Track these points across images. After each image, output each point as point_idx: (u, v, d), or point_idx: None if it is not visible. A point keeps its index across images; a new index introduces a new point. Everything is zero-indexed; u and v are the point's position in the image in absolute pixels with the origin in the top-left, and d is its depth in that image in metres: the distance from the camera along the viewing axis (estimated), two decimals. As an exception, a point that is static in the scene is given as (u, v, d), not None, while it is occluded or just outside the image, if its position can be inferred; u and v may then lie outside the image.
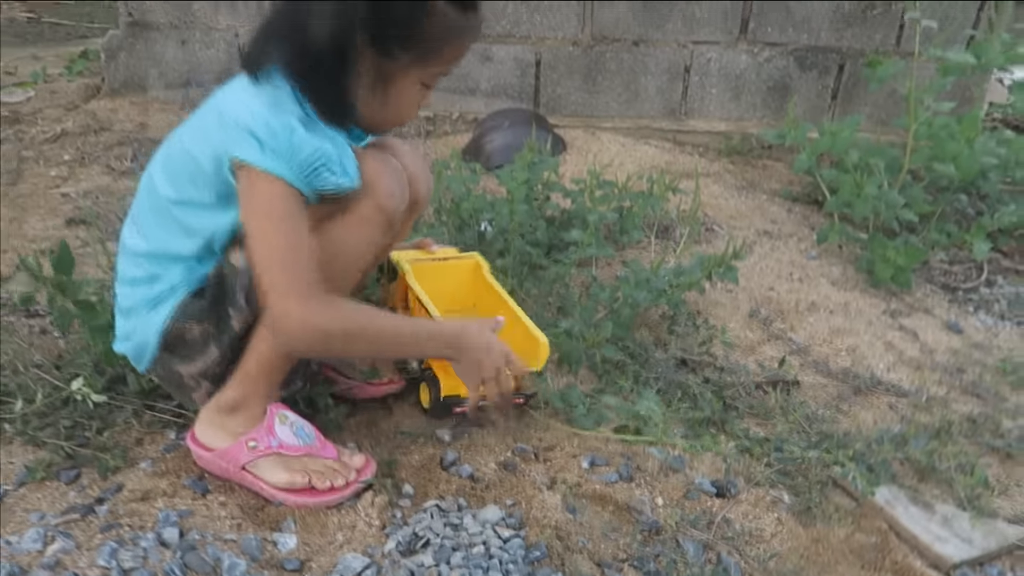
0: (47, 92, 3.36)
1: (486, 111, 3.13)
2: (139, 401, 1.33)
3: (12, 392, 1.34)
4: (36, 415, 1.26)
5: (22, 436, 1.22)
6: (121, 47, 3.13)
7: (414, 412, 1.38)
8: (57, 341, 1.56)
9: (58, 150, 2.77)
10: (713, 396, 1.45)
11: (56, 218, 2.26)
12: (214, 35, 3.11)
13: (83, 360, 1.42)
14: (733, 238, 2.27)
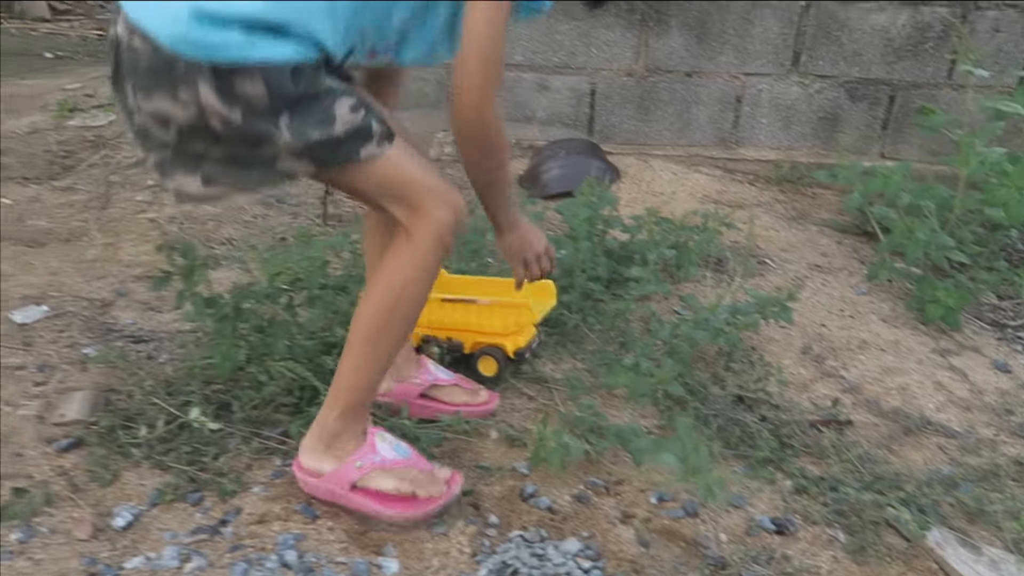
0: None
1: (542, 139, 3.25)
2: (246, 428, 1.47)
3: (132, 417, 1.50)
4: (159, 440, 1.41)
5: (149, 460, 1.37)
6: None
7: (492, 445, 1.50)
8: (164, 367, 1.71)
9: (142, 175, 2.95)
10: (770, 435, 1.55)
11: (147, 243, 2.43)
12: (285, 64, 3.28)
13: (191, 387, 1.57)
14: (785, 272, 2.36)
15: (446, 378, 1.57)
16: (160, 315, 2.00)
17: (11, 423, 1.49)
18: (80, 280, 2.15)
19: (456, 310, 1.69)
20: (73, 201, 2.71)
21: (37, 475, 1.35)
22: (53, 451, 1.41)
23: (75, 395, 1.53)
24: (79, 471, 1.35)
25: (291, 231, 2.56)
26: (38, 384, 1.62)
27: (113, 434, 1.43)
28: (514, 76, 3.19)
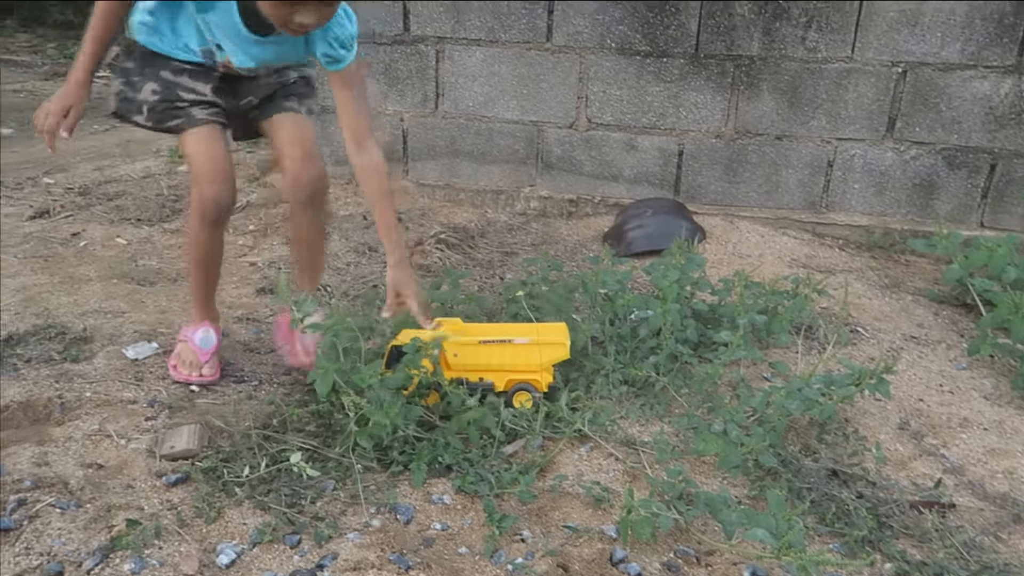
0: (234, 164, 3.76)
1: (628, 196, 3.28)
2: (339, 475, 1.52)
3: (234, 456, 1.56)
4: (260, 481, 1.46)
5: (250, 500, 1.42)
6: (300, 127, 3.49)
7: (580, 506, 1.49)
8: (263, 407, 1.78)
9: (243, 220, 3.11)
10: (868, 513, 1.50)
11: (247, 286, 2.54)
12: (381, 119, 3.42)
13: (288, 429, 1.63)
14: (879, 343, 2.30)
15: None
16: (259, 355, 2.08)
17: (123, 455, 1.57)
18: (186, 320, 2.26)
19: (492, 352, 1.76)
20: (181, 243, 2.87)
21: (147, 507, 1.41)
22: (162, 485, 1.48)
23: (183, 429, 1.60)
24: (186, 506, 1.41)
25: (382, 279, 2.64)
26: (148, 419, 1.71)
27: (217, 472, 1.50)
28: (602, 135, 3.25)
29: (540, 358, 1.75)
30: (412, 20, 3.27)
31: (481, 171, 3.40)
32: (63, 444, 1.59)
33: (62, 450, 1.57)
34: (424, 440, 1.58)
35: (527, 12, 3.17)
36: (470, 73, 3.29)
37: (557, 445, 1.65)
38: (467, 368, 1.75)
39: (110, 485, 1.47)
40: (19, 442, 1.60)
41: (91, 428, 1.65)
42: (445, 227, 3.11)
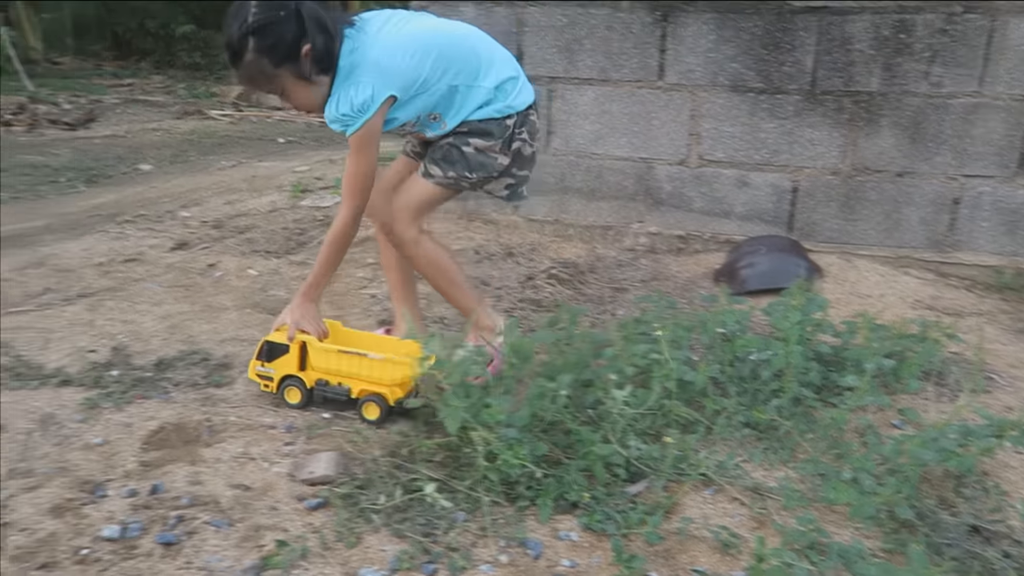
0: (344, 199, 3.95)
1: (739, 233, 3.25)
2: (469, 506, 1.56)
3: (366, 484, 1.63)
4: (396, 509, 1.53)
5: (387, 527, 1.49)
6: (416, 164, 3.63)
7: (707, 550, 1.49)
8: (392, 437, 1.85)
9: (362, 253, 3.25)
10: (1016, 575, 1.43)
11: (369, 318, 2.66)
12: (494, 156, 3.52)
13: (418, 458, 1.69)
14: (1017, 391, 2.18)
15: None
16: (384, 387, 2.17)
17: (267, 478, 1.67)
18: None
19: (350, 361, 1.95)
20: (306, 275, 3.01)
21: (292, 529, 1.50)
22: (304, 508, 1.56)
23: (321, 456, 1.69)
24: (328, 530, 1.49)
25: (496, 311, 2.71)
26: (287, 444, 1.81)
27: (353, 498, 1.57)
28: (713, 172, 3.24)
29: (391, 374, 1.91)
30: (526, 61, 3.36)
31: (590, 207, 3.45)
32: (213, 465, 1.71)
33: (212, 470, 1.69)
34: (550, 476, 1.61)
35: (639, 52, 3.21)
36: (581, 111, 3.35)
37: (682, 487, 1.65)
38: (328, 372, 1.98)
39: (257, 506, 1.57)
40: (174, 461, 1.73)
41: (236, 451, 1.76)
42: (555, 262, 3.16)
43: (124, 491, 1.61)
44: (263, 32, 1.78)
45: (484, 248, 3.29)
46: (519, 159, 2.11)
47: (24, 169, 4.88)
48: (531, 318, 2.67)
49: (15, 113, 6.44)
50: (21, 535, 1.47)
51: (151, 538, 1.46)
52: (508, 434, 1.57)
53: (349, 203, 1.93)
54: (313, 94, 1.90)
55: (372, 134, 1.88)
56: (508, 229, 3.51)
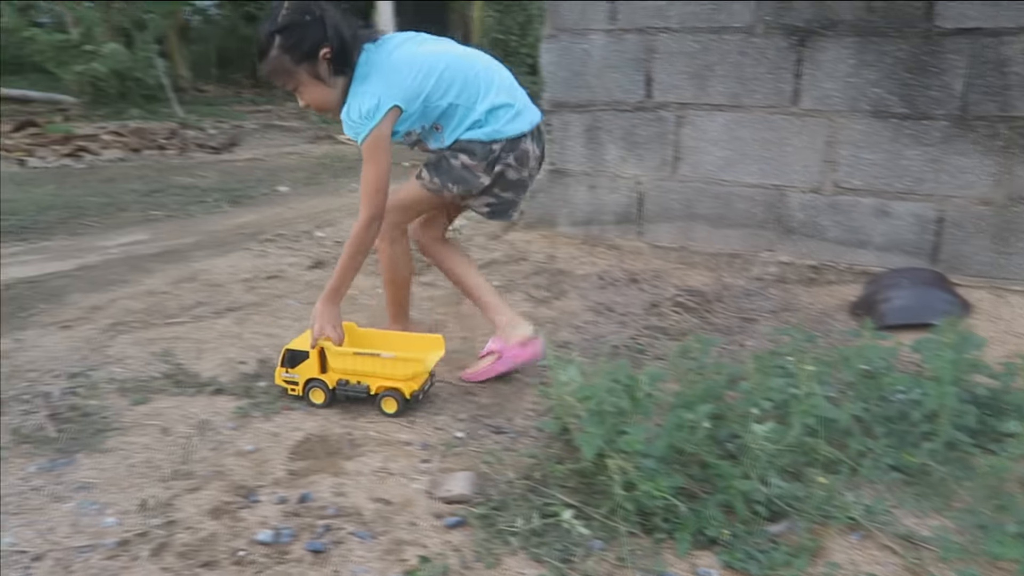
0: (476, 221, 4.03)
1: (877, 264, 3.10)
2: (605, 535, 1.55)
3: (502, 506, 1.65)
4: (533, 533, 1.54)
5: (525, 550, 1.50)
6: (541, 189, 3.68)
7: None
8: (523, 459, 1.87)
9: (488, 276, 3.31)
10: None
11: (496, 340, 2.70)
12: (619, 182, 3.53)
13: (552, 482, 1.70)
14: None
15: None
16: (514, 406, 2.19)
17: (406, 494, 1.72)
18: (444, 368, 2.44)
19: (365, 361, 2.11)
20: (434, 296, 3.11)
21: (431, 546, 1.53)
22: (442, 526, 1.60)
23: (458, 475, 1.73)
24: (467, 549, 1.51)
25: (619, 338, 2.70)
26: (423, 461, 1.86)
27: (490, 519, 1.59)
28: (850, 200, 3.12)
29: (404, 370, 2.09)
30: (655, 88, 3.36)
31: (717, 234, 3.39)
32: (355, 477, 1.78)
33: (354, 483, 1.76)
34: (688, 509, 1.58)
35: (773, 77, 3.14)
36: (710, 137, 3.31)
37: (826, 530, 1.58)
38: (346, 372, 2.14)
39: (397, 520, 1.62)
40: (319, 472, 1.81)
41: (376, 465, 1.83)
42: (680, 289, 3.12)
43: (275, 498, 1.70)
44: (288, 31, 2.01)
45: (608, 273, 3.29)
46: (502, 182, 2.26)
47: (176, 190, 5.27)
48: (656, 346, 2.64)
49: (167, 137, 6.97)
50: (186, 533, 1.58)
51: (301, 545, 1.54)
52: (646, 464, 1.56)
53: (364, 209, 2.10)
54: (326, 94, 2.10)
55: (380, 141, 2.05)
56: (632, 255, 3.50)
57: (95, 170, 6.02)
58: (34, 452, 1.91)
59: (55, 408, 2.12)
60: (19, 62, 9.80)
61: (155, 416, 2.09)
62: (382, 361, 2.09)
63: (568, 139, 3.57)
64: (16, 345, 2.59)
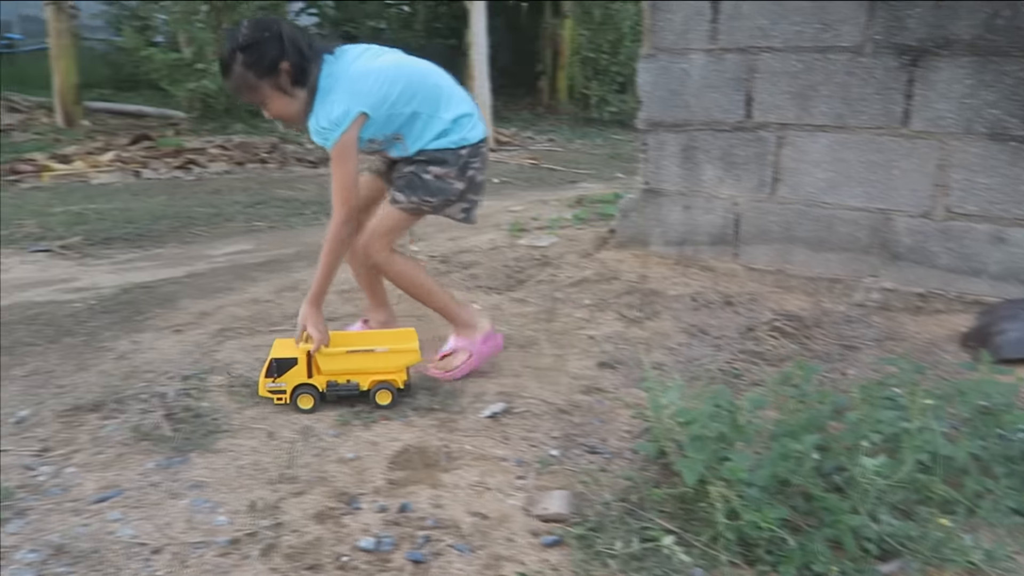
0: (566, 239, 4.05)
1: (991, 294, 2.95)
2: (705, 563, 1.53)
3: (599, 527, 1.64)
4: (631, 557, 1.53)
5: (624, 574, 1.49)
6: (634, 208, 3.67)
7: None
8: (618, 480, 1.86)
9: (579, 294, 3.31)
10: None
11: (588, 359, 2.69)
12: (714, 203, 3.48)
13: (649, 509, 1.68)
14: None
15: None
16: (608, 427, 2.18)
17: (503, 509, 1.73)
18: (537, 385, 2.45)
19: (357, 358, 2.22)
20: (525, 312, 3.13)
21: (528, 563, 1.54)
22: (539, 544, 1.60)
23: (555, 493, 1.73)
24: (565, 569, 1.51)
25: (714, 362, 2.65)
26: (519, 477, 1.87)
27: (588, 540, 1.59)
28: (963, 226, 2.98)
29: (397, 362, 2.23)
30: (755, 107, 3.30)
31: (816, 258, 3.29)
32: (452, 490, 1.81)
33: (452, 496, 1.78)
34: (793, 543, 1.53)
35: (881, 98, 3.04)
36: (812, 159, 3.22)
37: (942, 573, 1.51)
38: (336, 373, 2.21)
39: (494, 535, 1.63)
40: (417, 483, 1.84)
41: (472, 479, 1.85)
42: (777, 314, 3.04)
43: (375, 506, 1.74)
44: (250, 49, 2.12)
45: (701, 295, 3.24)
46: (473, 186, 2.42)
47: (277, 202, 5.49)
48: (753, 371, 2.58)
49: (269, 152, 7.28)
50: (292, 536, 1.64)
51: (402, 554, 1.57)
52: (750, 493, 1.52)
53: (337, 210, 2.21)
54: (290, 105, 2.21)
55: (348, 147, 2.17)
56: (726, 277, 3.43)
57: (203, 182, 6.34)
58: (152, 449, 2.01)
59: (170, 408, 2.24)
60: (135, 80, 10.43)
61: (261, 420, 2.17)
62: (374, 356, 2.22)
63: (663, 159, 3.54)
64: (134, 347, 2.75)
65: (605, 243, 3.86)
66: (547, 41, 11.57)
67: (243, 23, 2.22)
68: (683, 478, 1.62)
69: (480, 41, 8.38)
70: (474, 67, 8.47)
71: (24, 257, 4.09)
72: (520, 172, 7.04)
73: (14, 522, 1.70)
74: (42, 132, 8.17)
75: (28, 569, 1.55)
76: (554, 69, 11.56)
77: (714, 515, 1.56)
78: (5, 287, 3.52)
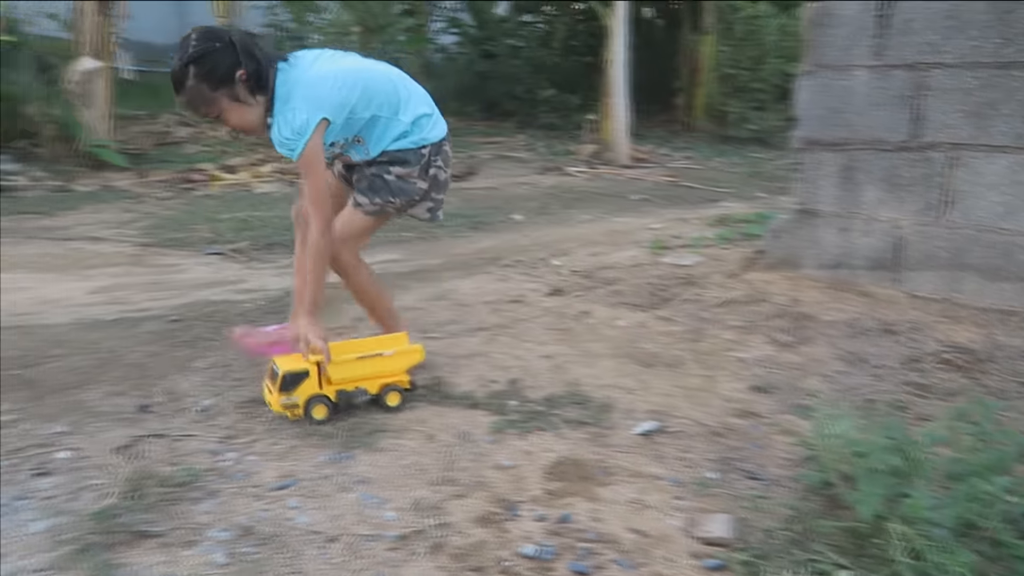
0: (711, 258, 3.98)
1: None
2: (882, 602, 1.46)
3: (763, 555, 1.60)
4: (802, 589, 1.48)
5: (795, 606, 1.45)
6: (785, 229, 3.56)
7: None
8: (779, 508, 1.80)
9: (726, 315, 3.24)
10: None
11: (740, 382, 2.63)
12: (874, 225, 3.32)
13: (816, 540, 1.62)
14: None
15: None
16: (764, 453, 2.13)
17: (662, 528, 1.73)
18: (688, 405, 2.42)
19: (366, 364, 2.27)
20: (671, 331, 3.10)
21: (690, 585, 1.53)
22: (701, 567, 1.59)
23: (717, 516, 1.71)
24: (731, 594, 1.49)
25: (875, 393, 2.52)
26: (677, 497, 1.86)
27: (754, 567, 1.55)
28: None
29: (403, 364, 2.32)
30: (923, 126, 3.13)
31: (990, 288, 3.07)
32: (610, 505, 1.82)
33: (610, 510, 1.79)
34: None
35: (1073, 116, 2.82)
36: (988, 181, 3.02)
37: None
38: (345, 380, 2.24)
39: (655, 554, 1.63)
40: (573, 495, 1.87)
41: (630, 496, 1.85)
42: (945, 345, 2.86)
43: (535, 514, 1.77)
44: (201, 61, 2.07)
45: (858, 322, 3.09)
46: (436, 184, 2.44)
47: (422, 214, 5.71)
48: (919, 404, 2.44)
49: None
50: (457, 537, 1.70)
51: (564, 564, 1.59)
52: (936, 534, 1.44)
53: (314, 220, 2.22)
54: (249, 114, 2.18)
55: (314, 154, 2.17)
56: (885, 303, 3.26)
57: (352, 193, 6.67)
58: (321, 444, 2.14)
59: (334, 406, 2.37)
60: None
61: (420, 423, 2.26)
62: (383, 360, 2.28)
63: (820, 178, 3.42)
64: (300, 346, 2.93)
65: (752, 264, 3.75)
66: (685, 57, 11.43)
67: (191, 34, 2.12)
68: (855, 511, 1.56)
69: (619, 59, 8.40)
70: (611, 84, 8.49)
71: (199, 259, 4.46)
72: (657, 190, 6.98)
73: (206, 502, 1.86)
74: (210, 145, 8.87)
75: (220, 546, 1.68)
76: (691, 86, 11.40)
77: (892, 553, 1.49)
78: (185, 285, 3.85)
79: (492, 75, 11.96)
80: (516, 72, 11.70)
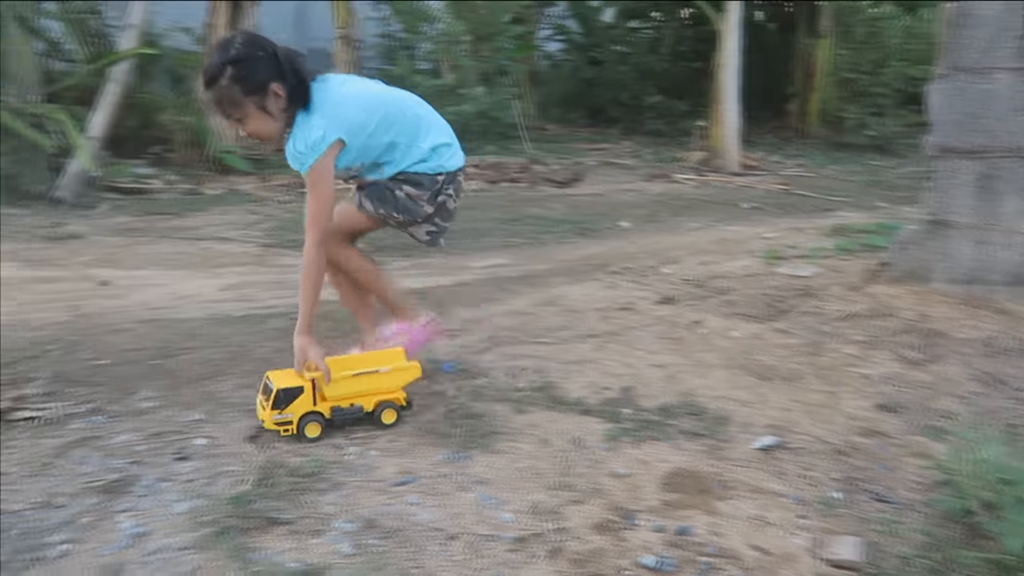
0: (830, 270, 3.83)
1: None
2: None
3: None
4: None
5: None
6: (914, 240, 3.38)
7: None
8: (912, 533, 1.72)
9: (848, 329, 3.11)
10: None
11: (864, 399, 2.52)
12: (1016, 239, 3.11)
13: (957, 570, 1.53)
14: None
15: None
16: (893, 474, 2.03)
17: (785, 547, 1.68)
18: (809, 422, 2.34)
19: (361, 380, 2.23)
20: (788, 344, 3.00)
21: (820, 608, 1.47)
22: (830, 588, 1.53)
23: (846, 539, 1.65)
24: (863, 620, 1.43)
25: (1016, 416, 2.36)
26: (800, 516, 1.80)
27: (888, 594, 1.48)
28: None
29: (399, 380, 2.28)
30: (1076, 133, 2.91)
31: None
32: (729, 519, 1.78)
33: (730, 525, 1.75)
34: None
35: None
36: None
37: None
38: (340, 397, 2.21)
39: (780, 574, 1.58)
40: (691, 507, 1.84)
41: (750, 511, 1.81)
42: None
43: (652, 525, 1.76)
44: (241, 64, 2.09)
45: (996, 340, 2.90)
46: (442, 211, 2.48)
47: (529, 219, 5.75)
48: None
49: (519, 171, 7.65)
50: (575, 542, 1.70)
51: (685, 577, 1.57)
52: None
53: (310, 234, 2.21)
54: (271, 125, 2.18)
55: (324, 172, 2.18)
56: (1025, 322, 3.05)
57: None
58: (438, 443, 2.19)
59: (450, 406, 2.42)
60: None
61: (534, 427, 2.28)
62: (378, 377, 2.25)
63: (954, 188, 3.23)
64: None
65: (876, 276, 3.58)
66: (799, 61, 11.04)
67: (236, 37, 2.18)
68: (1001, 543, 1.47)
69: (731, 64, 8.21)
70: (722, 90, 8.30)
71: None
72: (769, 198, 6.77)
73: (331, 493, 1.93)
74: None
75: (345, 537, 1.75)
76: (805, 91, 11.00)
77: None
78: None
79: (598, 81, 11.91)
80: (622, 78, 11.61)
